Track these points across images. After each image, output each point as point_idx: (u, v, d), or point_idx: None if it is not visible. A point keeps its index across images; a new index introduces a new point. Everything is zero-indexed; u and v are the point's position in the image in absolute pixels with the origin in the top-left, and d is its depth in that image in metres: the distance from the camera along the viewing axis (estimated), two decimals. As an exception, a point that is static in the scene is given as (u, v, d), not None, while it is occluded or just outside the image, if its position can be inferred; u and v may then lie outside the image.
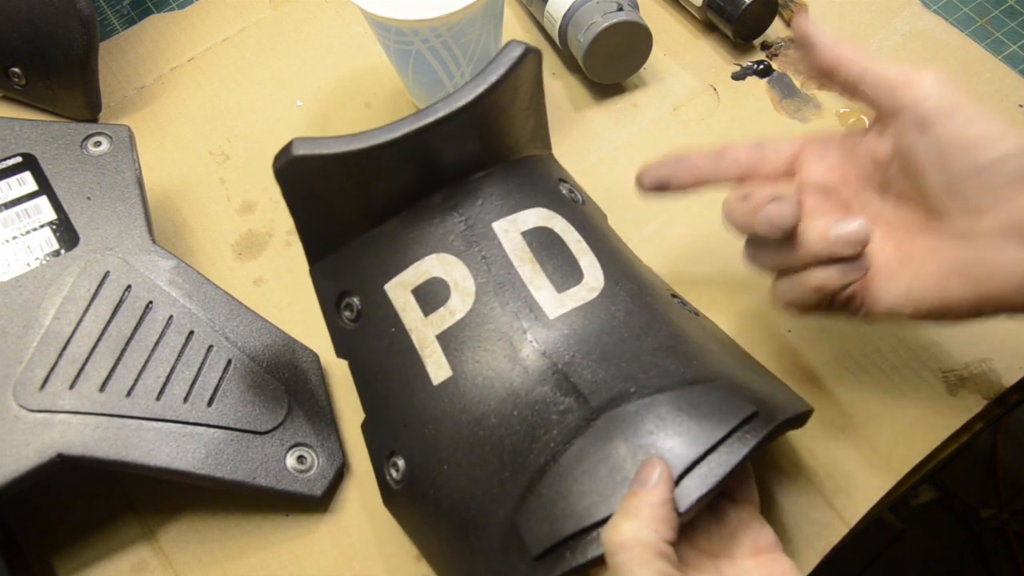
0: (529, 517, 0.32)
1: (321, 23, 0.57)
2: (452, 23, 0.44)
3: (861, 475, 0.40)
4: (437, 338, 0.36)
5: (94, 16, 0.49)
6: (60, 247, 0.42)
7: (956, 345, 0.43)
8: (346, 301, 0.39)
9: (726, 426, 0.32)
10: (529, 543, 0.31)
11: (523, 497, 0.32)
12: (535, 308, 0.35)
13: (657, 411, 0.32)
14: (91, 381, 0.39)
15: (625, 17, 0.49)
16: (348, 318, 0.39)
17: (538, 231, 0.37)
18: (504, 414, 0.34)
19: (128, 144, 0.46)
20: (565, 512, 0.31)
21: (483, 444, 0.34)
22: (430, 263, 0.37)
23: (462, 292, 0.36)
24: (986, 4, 0.57)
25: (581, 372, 0.34)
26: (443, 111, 0.36)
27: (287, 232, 0.50)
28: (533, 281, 0.36)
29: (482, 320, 0.35)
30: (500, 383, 0.34)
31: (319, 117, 0.54)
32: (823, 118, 0.51)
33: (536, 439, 0.33)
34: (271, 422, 0.40)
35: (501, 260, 0.36)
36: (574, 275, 0.37)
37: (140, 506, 0.42)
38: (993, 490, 0.93)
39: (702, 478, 0.31)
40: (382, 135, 0.35)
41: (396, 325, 0.37)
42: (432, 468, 0.35)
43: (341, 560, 0.40)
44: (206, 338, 0.41)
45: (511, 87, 0.37)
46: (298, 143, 0.36)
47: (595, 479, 0.31)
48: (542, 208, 0.38)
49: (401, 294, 0.37)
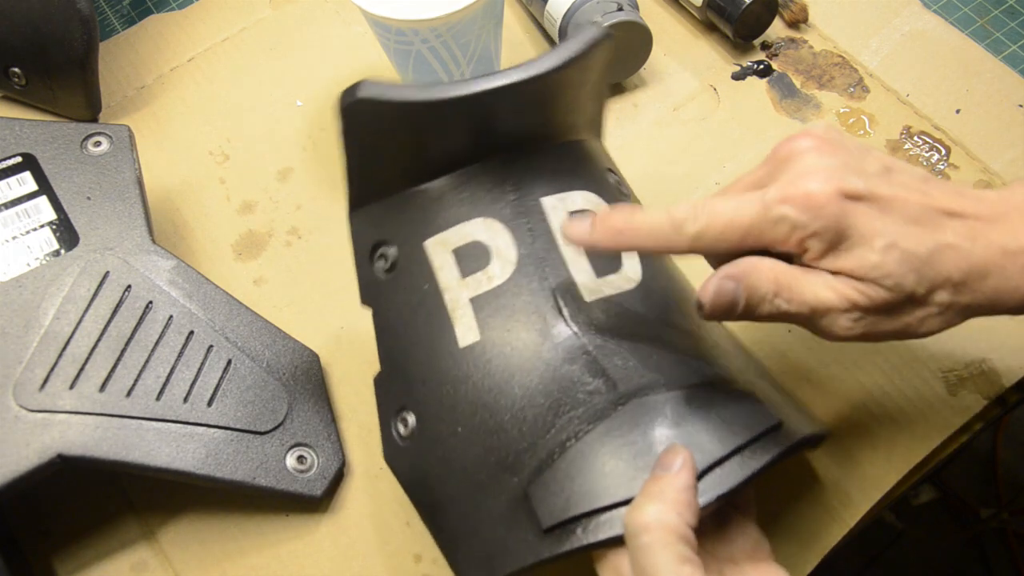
0: (544, 489, 0.32)
1: (321, 23, 0.57)
2: (452, 23, 0.44)
3: (861, 475, 0.40)
4: (471, 301, 0.35)
5: (94, 16, 0.49)
6: (60, 247, 0.42)
7: (956, 345, 0.43)
8: (381, 251, 0.38)
9: (750, 432, 0.32)
10: (541, 515, 0.31)
11: (539, 470, 0.32)
12: (572, 288, 0.35)
13: (686, 406, 0.32)
14: (91, 381, 0.39)
15: (625, 17, 0.49)
16: (381, 268, 0.38)
17: (584, 214, 0.37)
18: (528, 386, 0.34)
19: (128, 144, 0.46)
20: (583, 489, 0.31)
21: (503, 412, 0.34)
22: (475, 226, 0.36)
23: (503, 260, 0.36)
24: (986, 4, 0.57)
25: (611, 357, 0.34)
26: (515, 77, 0.35)
27: (287, 232, 0.50)
28: (575, 262, 0.36)
29: (519, 290, 0.35)
30: (529, 355, 0.34)
31: (319, 117, 0.54)
32: (823, 118, 0.51)
33: (560, 415, 0.33)
34: (271, 422, 0.40)
35: (546, 235, 0.36)
36: (613, 263, 0.36)
37: (140, 506, 0.42)
38: (993, 490, 0.93)
39: (722, 478, 0.31)
40: (450, 90, 0.35)
41: (430, 282, 0.36)
42: (445, 429, 0.35)
43: (341, 560, 0.40)
44: (206, 338, 0.41)
45: (583, 67, 0.37)
46: (367, 85, 0.35)
47: (617, 462, 0.31)
48: (591, 193, 0.38)
49: (440, 252, 0.36)
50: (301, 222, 0.50)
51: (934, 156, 0.49)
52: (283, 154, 0.52)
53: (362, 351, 0.45)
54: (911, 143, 0.50)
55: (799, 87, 0.52)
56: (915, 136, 0.50)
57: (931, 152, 0.49)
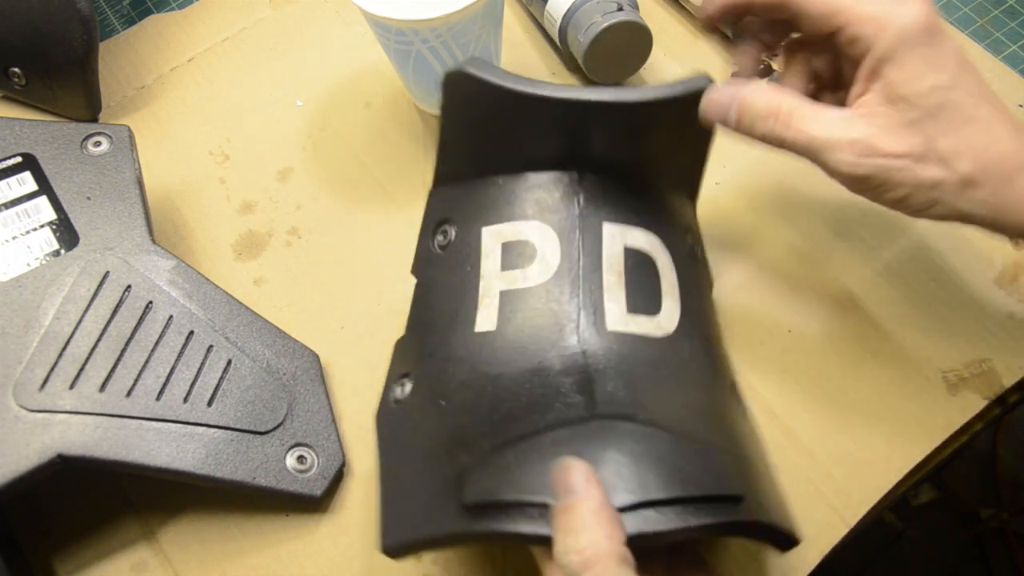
0: (481, 472, 0.32)
1: (321, 23, 0.57)
2: (452, 23, 0.44)
3: (861, 475, 0.40)
4: (501, 293, 0.37)
5: (94, 16, 0.49)
6: (60, 247, 0.42)
7: (956, 345, 0.43)
8: (444, 228, 0.40)
9: (701, 490, 0.30)
10: (465, 492, 0.31)
11: (489, 453, 0.33)
12: (599, 312, 0.36)
13: (649, 443, 0.32)
14: (91, 381, 0.39)
15: (625, 17, 0.49)
16: (439, 243, 0.40)
17: (641, 254, 0.38)
18: (518, 382, 0.34)
19: (128, 144, 0.46)
20: (515, 479, 0.31)
21: (485, 398, 0.35)
22: (531, 227, 0.37)
23: (545, 265, 0.37)
24: (986, 4, 0.57)
25: (606, 384, 0.34)
26: (607, 96, 0.36)
27: (287, 232, 0.50)
28: (611, 290, 0.36)
29: (547, 297, 0.36)
30: (532, 356, 0.35)
31: (319, 117, 0.54)
32: (823, 118, 0.51)
33: (531, 414, 0.33)
34: (271, 422, 0.40)
35: (594, 258, 0.37)
36: (651, 307, 0.37)
37: (140, 506, 0.42)
38: (993, 490, 0.93)
39: (652, 519, 0.29)
40: (549, 89, 0.36)
41: (473, 265, 0.38)
42: (431, 401, 0.36)
43: (341, 560, 0.40)
44: (206, 338, 0.41)
45: (680, 111, 0.38)
46: (474, 61, 0.37)
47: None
48: (656, 238, 0.38)
49: (492, 241, 0.38)
50: (301, 222, 0.50)
51: (934, 156, 0.49)
52: (283, 154, 0.52)
53: (362, 351, 0.45)
54: (911, 143, 0.50)
55: (799, 87, 0.52)
56: (915, 136, 0.50)
57: (931, 152, 0.49)
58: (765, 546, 0.35)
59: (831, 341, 0.44)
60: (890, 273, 0.45)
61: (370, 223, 0.50)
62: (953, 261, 0.45)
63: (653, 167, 0.40)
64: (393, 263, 0.48)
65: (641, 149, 0.39)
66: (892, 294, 0.45)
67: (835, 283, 0.45)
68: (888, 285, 0.45)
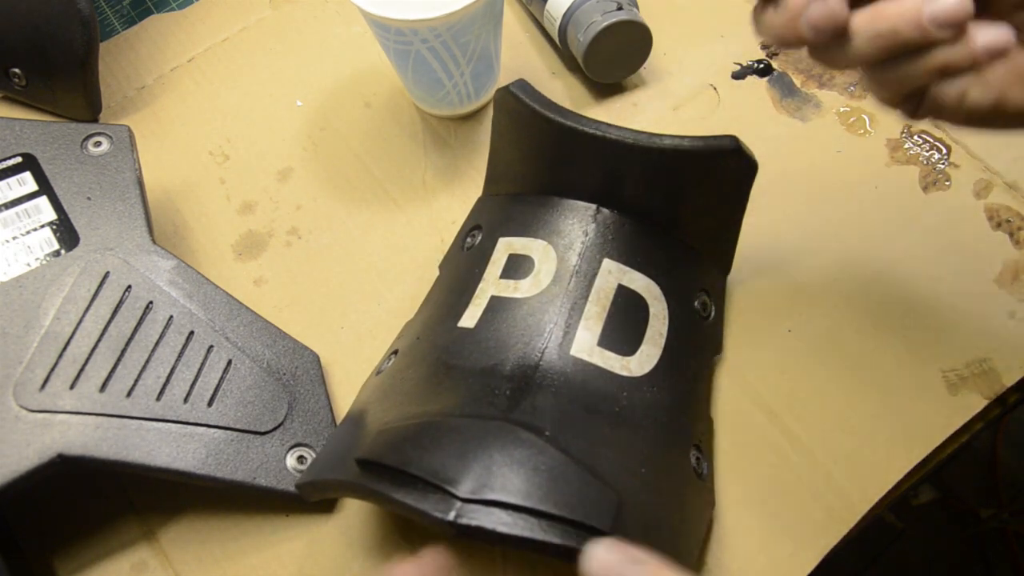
0: (386, 434, 0.34)
1: (321, 23, 0.57)
2: (452, 23, 0.44)
3: (861, 475, 0.40)
4: (491, 297, 0.39)
5: (94, 16, 0.49)
6: (60, 247, 0.42)
7: (956, 345, 0.43)
8: (473, 232, 0.44)
9: (568, 512, 0.30)
10: (361, 447, 0.34)
11: (399, 422, 0.34)
12: (569, 336, 0.37)
13: (542, 457, 0.31)
14: (91, 381, 0.39)
15: (625, 17, 0.49)
16: (467, 245, 0.43)
17: (635, 296, 0.39)
18: (467, 374, 0.36)
19: (128, 144, 0.46)
20: (403, 450, 0.32)
21: (433, 379, 0.37)
22: (538, 245, 0.40)
23: (537, 282, 0.39)
24: (986, 4, 0.57)
25: (542, 400, 0.35)
26: (630, 138, 0.39)
27: (287, 232, 0.50)
28: (589, 320, 0.38)
29: (529, 311, 0.38)
30: (490, 358, 0.37)
31: (319, 117, 0.54)
32: (823, 117, 0.51)
33: (455, 402, 0.35)
34: (271, 422, 0.40)
35: (583, 287, 0.38)
36: (625, 348, 0.38)
37: (140, 506, 0.42)
38: (993, 490, 0.93)
39: (502, 520, 0.30)
40: (576, 121, 0.39)
41: (480, 269, 0.41)
42: (396, 371, 0.39)
43: (341, 560, 0.40)
44: (206, 338, 0.41)
45: (708, 167, 0.39)
46: (520, 83, 0.41)
47: (445, 449, 0.32)
48: (657, 288, 0.40)
49: (503, 251, 0.41)
50: (301, 222, 0.50)
51: (935, 155, 0.49)
52: (283, 154, 0.52)
53: (362, 351, 0.45)
54: (911, 142, 0.50)
55: (799, 86, 0.52)
56: (915, 135, 0.50)
57: (931, 151, 0.49)
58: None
59: (831, 341, 0.44)
60: (890, 273, 0.45)
61: (370, 223, 0.50)
62: (953, 261, 0.45)
63: (679, 221, 0.41)
64: (393, 263, 0.48)
65: (663, 197, 0.40)
66: (892, 294, 0.45)
67: (835, 283, 0.45)
68: (888, 285, 0.45)
